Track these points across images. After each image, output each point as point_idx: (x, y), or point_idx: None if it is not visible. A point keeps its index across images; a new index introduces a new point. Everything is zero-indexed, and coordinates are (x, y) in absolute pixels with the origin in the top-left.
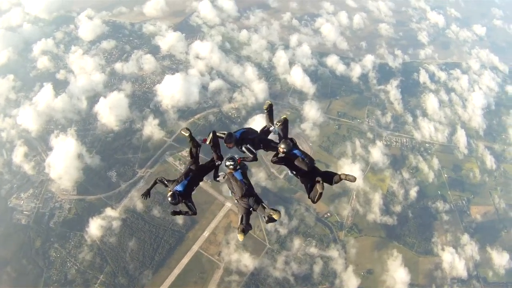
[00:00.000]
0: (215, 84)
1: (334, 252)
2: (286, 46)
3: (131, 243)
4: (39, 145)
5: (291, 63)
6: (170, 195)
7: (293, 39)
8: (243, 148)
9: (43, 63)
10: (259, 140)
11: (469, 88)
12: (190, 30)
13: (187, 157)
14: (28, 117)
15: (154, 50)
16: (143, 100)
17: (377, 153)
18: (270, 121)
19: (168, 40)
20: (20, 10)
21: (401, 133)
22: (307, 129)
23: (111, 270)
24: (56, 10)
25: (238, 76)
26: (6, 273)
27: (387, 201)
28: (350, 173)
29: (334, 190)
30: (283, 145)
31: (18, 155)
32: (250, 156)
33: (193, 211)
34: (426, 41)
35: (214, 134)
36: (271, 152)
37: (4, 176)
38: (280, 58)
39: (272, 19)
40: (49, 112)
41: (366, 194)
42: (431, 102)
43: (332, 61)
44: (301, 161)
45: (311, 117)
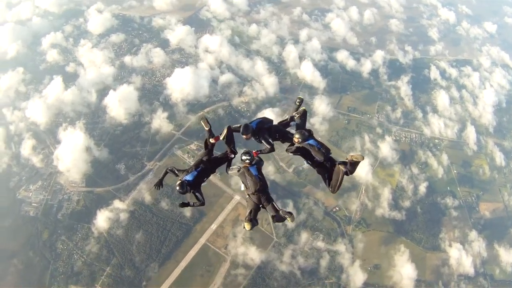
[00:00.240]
0: (225, 78)
1: (341, 247)
2: (296, 41)
3: (138, 236)
4: (48, 138)
5: (301, 57)
6: (178, 184)
7: (303, 34)
8: (260, 139)
9: (53, 56)
10: (275, 130)
11: (480, 85)
12: (200, 24)
13: (196, 150)
14: (37, 110)
15: (163, 44)
16: (152, 93)
17: (386, 148)
18: (293, 115)
19: (178, 34)
20: (30, 4)
21: (410, 128)
22: (317, 124)
23: (118, 263)
24: (66, 4)
25: (248, 70)
26: (13, 265)
27: (396, 196)
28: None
29: (344, 184)
30: (298, 135)
31: (27, 147)
32: (267, 147)
33: (201, 201)
34: (437, 37)
35: (229, 129)
36: (287, 144)
37: (13, 169)
38: (290, 52)
39: (282, 14)
40: (58, 105)
41: (375, 189)
42: (441, 98)
43: (342, 56)
44: (317, 150)
45: (321, 112)
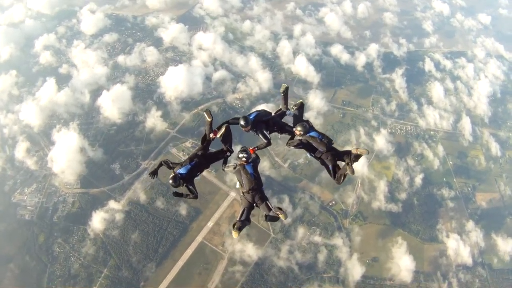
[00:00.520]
0: (219, 74)
1: (338, 241)
2: (289, 36)
3: (135, 236)
4: (42, 140)
5: (295, 52)
6: (171, 177)
7: (297, 29)
8: (257, 133)
9: (46, 58)
10: (273, 122)
11: (475, 76)
12: (193, 22)
13: (191, 148)
14: (31, 113)
15: (157, 42)
16: (146, 92)
17: (381, 141)
18: (285, 104)
19: (171, 32)
20: (22, 6)
21: (406, 121)
22: (311, 118)
23: (115, 264)
24: (58, 5)
25: (241, 67)
26: (10, 270)
27: (392, 189)
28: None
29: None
30: (299, 128)
31: (21, 150)
32: (264, 142)
33: (194, 194)
34: (431, 30)
35: (228, 128)
36: (284, 137)
37: (7, 172)
38: (284, 48)
39: (276, 9)
40: (51, 106)
41: (371, 182)
42: (436, 90)
43: (336, 50)
44: (319, 141)
45: (316, 106)
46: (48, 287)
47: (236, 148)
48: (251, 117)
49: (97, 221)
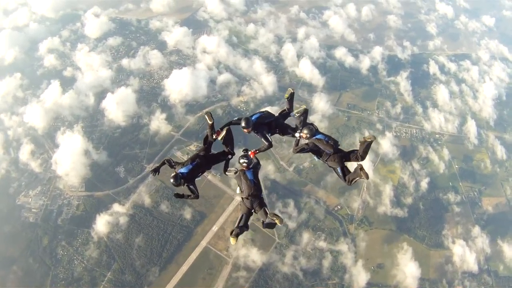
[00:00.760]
0: (223, 77)
1: (343, 246)
2: (293, 39)
3: (139, 239)
4: (46, 143)
5: (299, 56)
6: (172, 176)
7: (301, 32)
8: (259, 135)
9: (50, 61)
10: (276, 124)
11: (480, 79)
12: (197, 25)
13: (195, 151)
14: (35, 115)
15: (161, 46)
16: (151, 95)
17: (386, 144)
18: (291, 106)
19: (175, 36)
20: (27, 10)
21: (411, 124)
22: (316, 121)
23: (119, 267)
24: (63, 9)
25: (246, 70)
26: (13, 272)
27: (398, 193)
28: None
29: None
30: (306, 130)
31: (25, 152)
32: (266, 144)
33: (195, 194)
34: (435, 32)
35: (228, 131)
36: (289, 140)
37: (12, 174)
38: (288, 51)
39: (280, 13)
40: (56, 109)
41: (377, 186)
42: (441, 93)
43: (340, 53)
44: (325, 143)
45: (321, 109)
46: None
47: (239, 150)
48: (253, 118)
49: (101, 224)
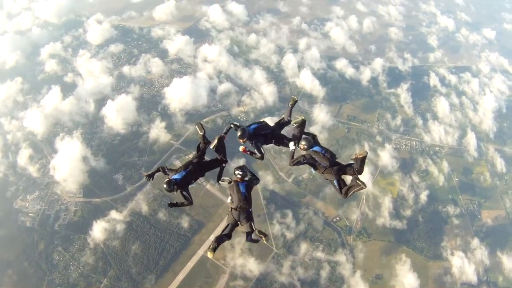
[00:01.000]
0: (224, 87)
1: (342, 257)
2: (294, 50)
3: (135, 247)
4: (45, 148)
5: (300, 66)
6: (165, 182)
7: (302, 43)
8: (253, 145)
9: (51, 66)
10: (272, 136)
11: (480, 91)
12: (199, 35)
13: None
14: (35, 120)
15: (162, 54)
16: (151, 103)
17: (386, 156)
18: (289, 115)
19: (176, 44)
20: (30, 14)
21: (410, 136)
22: (316, 132)
23: (115, 274)
24: (66, 14)
25: (246, 79)
26: (8, 276)
27: (397, 205)
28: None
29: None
30: (303, 142)
31: (23, 157)
32: (258, 155)
33: (189, 200)
34: (436, 44)
35: (220, 139)
36: (286, 152)
37: (10, 178)
38: (289, 61)
39: (282, 23)
40: (56, 114)
41: (376, 198)
42: (441, 105)
43: (341, 64)
44: (322, 156)
45: (321, 120)
46: None
47: (232, 159)
48: (250, 128)
49: (98, 230)
